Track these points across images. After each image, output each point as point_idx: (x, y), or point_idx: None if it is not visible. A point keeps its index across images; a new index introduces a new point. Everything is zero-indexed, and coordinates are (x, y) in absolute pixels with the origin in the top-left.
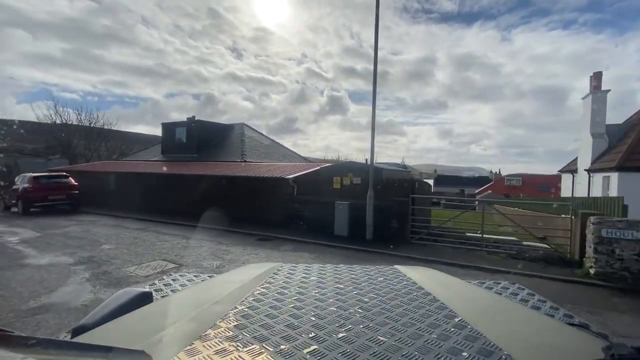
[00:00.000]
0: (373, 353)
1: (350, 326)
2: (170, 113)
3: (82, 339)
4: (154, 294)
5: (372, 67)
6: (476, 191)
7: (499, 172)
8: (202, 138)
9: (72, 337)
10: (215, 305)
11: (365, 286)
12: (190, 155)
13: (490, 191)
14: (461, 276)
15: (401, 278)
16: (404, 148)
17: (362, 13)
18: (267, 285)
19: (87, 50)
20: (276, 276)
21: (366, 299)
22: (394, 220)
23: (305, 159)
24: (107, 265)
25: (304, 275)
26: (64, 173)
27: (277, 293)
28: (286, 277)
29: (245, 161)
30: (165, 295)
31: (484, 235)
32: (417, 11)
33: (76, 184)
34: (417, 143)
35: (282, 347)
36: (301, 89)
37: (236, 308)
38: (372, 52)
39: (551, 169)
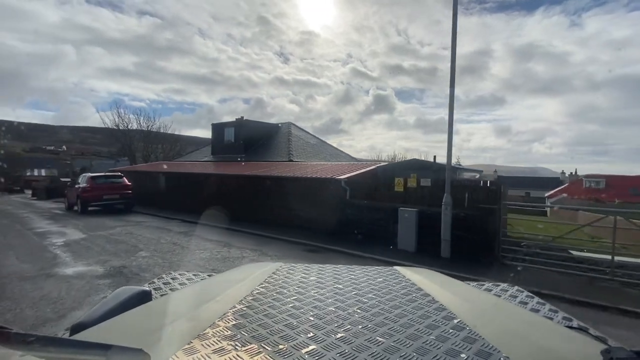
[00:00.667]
0: (371, 353)
1: (349, 326)
2: (223, 117)
3: (80, 336)
4: (153, 292)
5: (420, 64)
6: (546, 194)
7: (575, 172)
8: (249, 138)
9: (70, 335)
10: (214, 305)
11: (365, 287)
12: (237, 156)
13: (565, 194)
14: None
15: (400, 279)
16: (457, 147)
17: (410, 8)
18: (266, 284)
19: (152, 62)
20: (275, 276)
21: (365, 300)
22: (477, 233)
23: (354, 159)
24: (135, 281)
25: (303, 275)
26: (119, 173)
27: (276, 293)
28: (285, 277)
29: (292, 160)
30: (164, 294)
31: (592, 255)
32: (470, 2)
33: (129, 184)
34: (472, 142)
35: (281, 346)
36: (346, 90)
37: (235, 307)
38: (420, 49)
39: (636, 169)
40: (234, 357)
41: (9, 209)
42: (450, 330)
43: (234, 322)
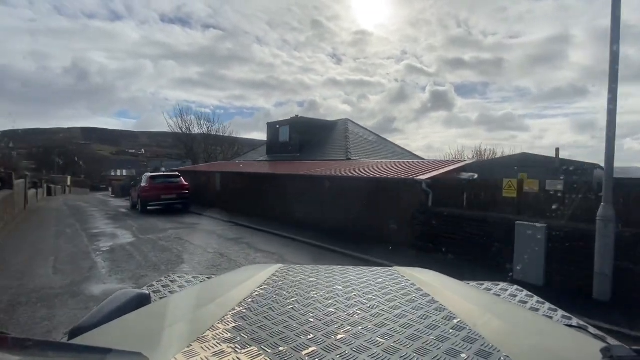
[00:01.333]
0: (371, 354)
1: (348, 327)
2: (278, 119)
3: (79, 340)
4: (151, 295)
5: (483, 56)
6: None
7: None
8: (304, 136)
9: (69, 339)
10: (213, 307)
11: (364, 287)
12: (292, 155)
13: None
14: None
15: (400, 279)
16: (527, 145)
17: None
18: (266, 286)
19: (215, 71)
20: (275, 277)
21: (365, 301)
22: None
23: (418, 157)
24: None
25: (303, 276)
26: (176, 173)
27: (275, 294)
28: (285, 279)
29: (349, 159)
30: (164, 297)
31: None
32: None
33: (186, 184)
34: (545, 139)
35: (281, 348)
36: (400, 87)
37: (234, 310)
38: (483, 39)
39: None
40: (233, 359)
41: (83, 206)
42: (450, 330)
43: (234, 325)
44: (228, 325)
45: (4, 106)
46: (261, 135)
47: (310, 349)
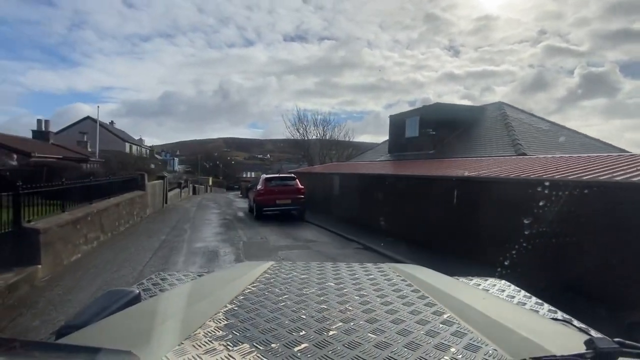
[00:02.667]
0: (363, 350)
1: (340, 324)
2: (388, 122)
3: (67, 340)
4: (142, 293)
5: None
6: None
7: None
8: (440, 128)
9: (56, 338)
10: (204, 305)
11: (356, 284)
12: (423, 153)
13: None
14: None
15: (391, 276)
16: None
17: None
18: (258, 283)
19: (329, 80)
20: (267, 275)
21: (357, 297)
22: None
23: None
24: None
25: (295, 273)
26: (292, 175)
27: (267, 291)
28: (277, 276)
29: (524, 154)
30: (154, 295)
31: None
32: None
33: (302, 187)
34: None
35: (273, 345)
36: (537, 74)
37: (226, 307)
38: None
39: None
40: (225, 357)
41: (210, 207)
42: (440, 325)
43: (225, 322)
44: (219, 322)
45: (175, 123)
46: (371, 138)
47: (302, 346)
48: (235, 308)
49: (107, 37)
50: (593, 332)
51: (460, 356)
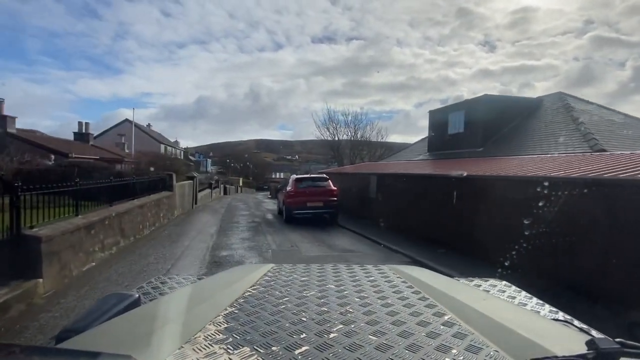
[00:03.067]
0: (364, 352)
1: (341, 326)
2: (419, 121)
3: (67, 344)
4: (141, 297)
5: None
6: None
7: None
8: (489, 123)
9: (56, 343)
10: (204, 308)
11: (357, 286)
12: (470, 150)
13: None
14: None
15: (392, 277)
16: None
17: None
18: (257, 286)
19: (357, 80)
20: (267, 277)
21: (357, 299)
22: None
23: None
24: None
25: (295, 276)
26: (324, 176)
27: (267, 294)
28: (277, 278)
29: (603, 150)
30: (153, 299)
31: None
32: None
33: (335, 188)
34: None
35: (273, 348)
36: (583, 67)
37: (226, 310)
38: None
39: None
40: None
41: (240, 208)
42: (441, 327)
43: (225, 326)
44: (219, 326)
45: (208, 126)
46: (400, 138)
47: (303, 349)
48: (236, 311)
49: (146, 45)
50: (594, 333)
51: (461, 358)
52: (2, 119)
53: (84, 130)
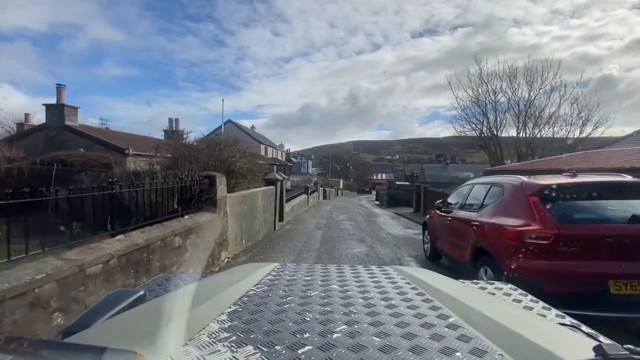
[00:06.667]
0: (367, 353)
1: (344, 326)
2: (544, 110)
3: (73, 339)
4: (146, 294)
5: None
6: None
7: None
8: None
9: (63, 338)
10: (208, 306)
11: (361, 286)
12: None
13: None
14: None
15: (395, 278)
16: None
17: None
18: (262, 285)
19: (464, 71)
20: (271, 276)
21: (361, 300)
22: None
23: None
24: None
25: (299, 275)
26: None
27: (271, 293)
28: (281, 277)
29: None
30: (159, 296)
31: None
32: None
33: None
34: None
35: (277, 347)
36: None
37: (230, 308)
38: None
39: None
40: (229, 358)
41: (342, 226)
42: (445, 329)
43: (229, 324)
44: (223, 324)
45: (311, 131)
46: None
47: (306, 348)
48: (239, 309)
49: (260, 63)
50: (602, 338)
51: None
52: (59, 108)
53: (174, 127)
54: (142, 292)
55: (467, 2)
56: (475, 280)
